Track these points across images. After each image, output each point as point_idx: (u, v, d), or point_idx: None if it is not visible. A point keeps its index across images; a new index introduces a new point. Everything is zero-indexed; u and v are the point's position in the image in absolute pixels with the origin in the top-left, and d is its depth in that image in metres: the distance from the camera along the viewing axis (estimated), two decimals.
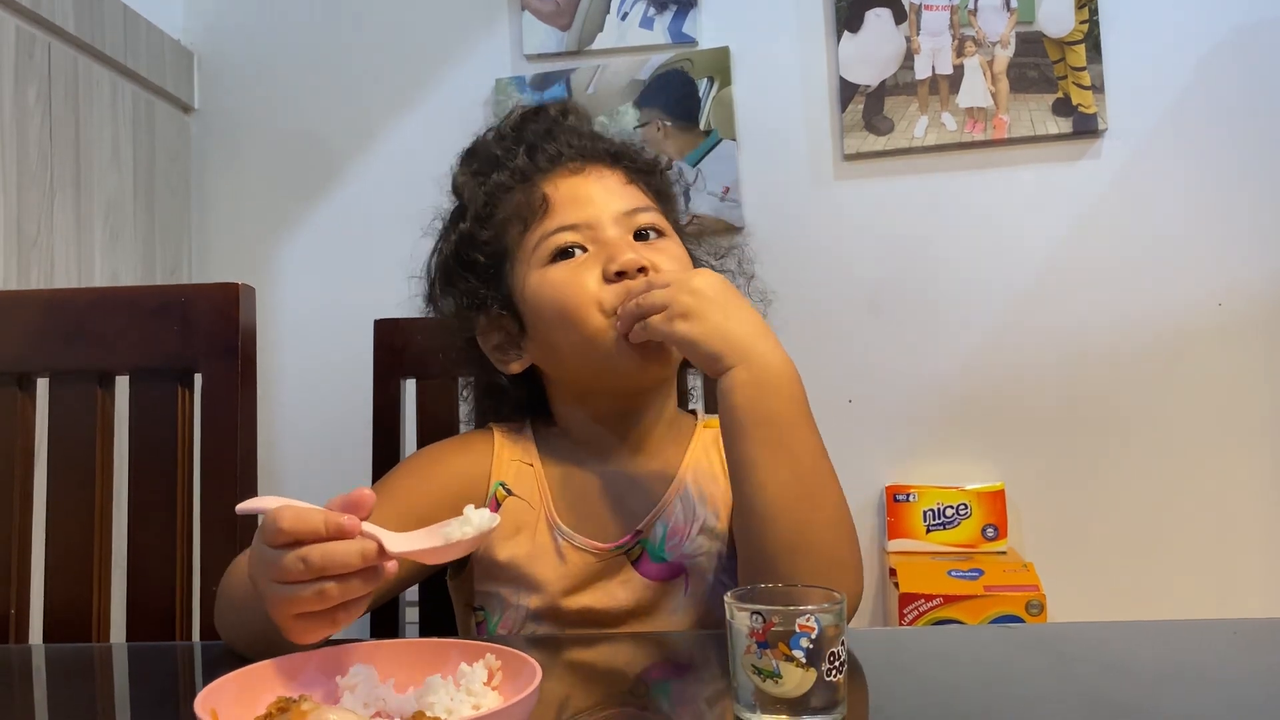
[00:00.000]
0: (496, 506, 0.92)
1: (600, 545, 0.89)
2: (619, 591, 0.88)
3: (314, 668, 0.64)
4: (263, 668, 0.62)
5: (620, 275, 0.86)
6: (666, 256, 0.90)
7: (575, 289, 0.87)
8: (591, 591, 0.89)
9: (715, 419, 0.97)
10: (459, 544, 0.64)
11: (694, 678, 0.68)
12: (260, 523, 0.64)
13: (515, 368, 0.94)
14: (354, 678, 0.62)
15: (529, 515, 0.91)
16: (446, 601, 1.00)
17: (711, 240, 1.04)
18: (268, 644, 0.68)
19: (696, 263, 0.97)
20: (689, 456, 0.94)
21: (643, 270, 0.86)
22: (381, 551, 0.61)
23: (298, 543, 0.61)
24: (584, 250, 0.89)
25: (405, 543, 0.64)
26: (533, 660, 0.59)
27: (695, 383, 1.11)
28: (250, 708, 0.58)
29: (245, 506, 0.66)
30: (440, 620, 1.04)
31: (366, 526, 0.63)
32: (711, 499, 0.92)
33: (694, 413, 1.02)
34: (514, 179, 0.93)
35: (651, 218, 0.92)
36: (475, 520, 0.64)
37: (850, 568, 0.79)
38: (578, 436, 0.95)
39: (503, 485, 0.93)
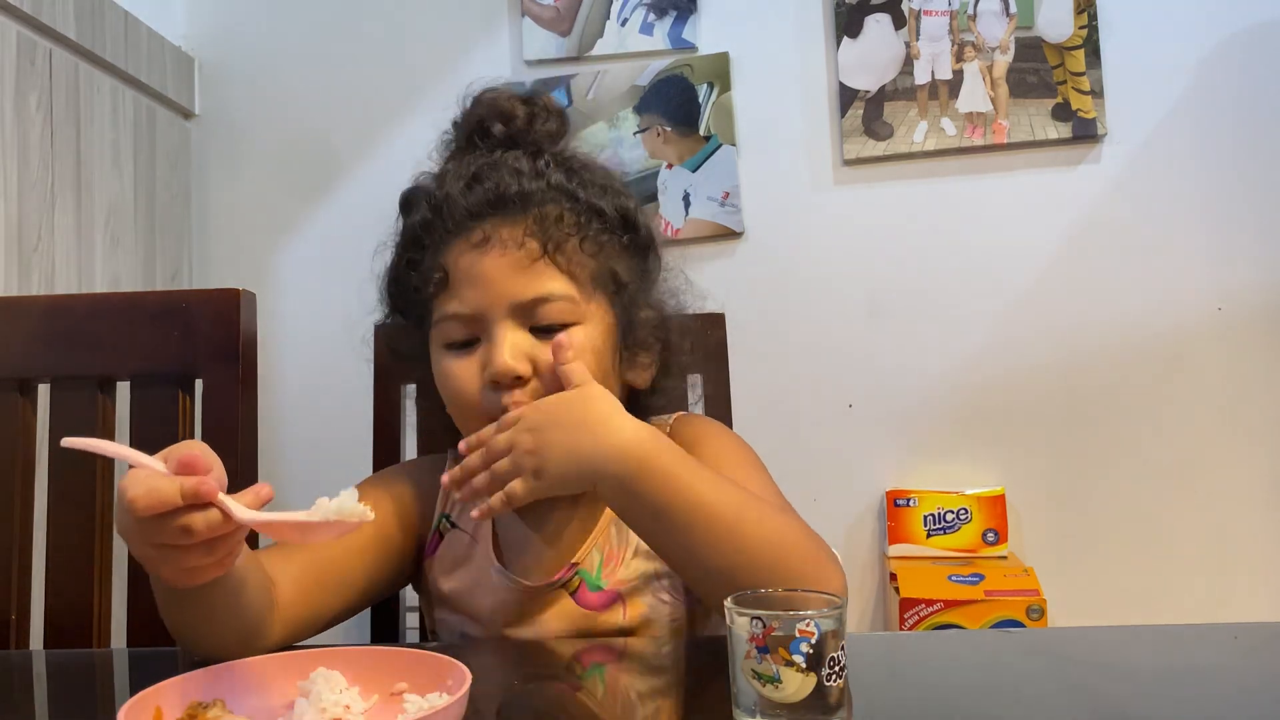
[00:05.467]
0: (439, 540, 0.93)
1: (529, 584, 0.87)
2: (553, 623, 0.86)
3: (280, 670, 0.65)
4: (222, 670, 0.64)
5: (498, 384, 0.82)
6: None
7: (460, 386, 0.85)
8: (528, 624, 0.87)
9: (658, 419, 0.94)
10: (310, 525, 0.63)
11: (694, 682, 0.68)
12: (119, 492, 0.62)
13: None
14: (312, 683, 0.63)
15: (469, 549, 0.91)
16: None
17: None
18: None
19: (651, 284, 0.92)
20: None
21: (520, 379, 0.82)
22: (228, 518, 0.61)
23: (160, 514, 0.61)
24: (476, 341, 0.84)
25: (254, 515, 0.63)
26: (461, 665, 0.61)
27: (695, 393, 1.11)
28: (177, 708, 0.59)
29: (74, 443, 0.63)
30: None
31: (222, 497, 0.62)
32: None
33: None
34: (423, 235, 0.87)
35: (554, 310, 0.83)
36: (327, 508, 0.64)
37: (819, 563, 0.76)
38: None
39: (447, 518, 0.93)
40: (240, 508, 0.62)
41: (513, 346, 0.82)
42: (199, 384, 1.01)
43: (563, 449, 0.76)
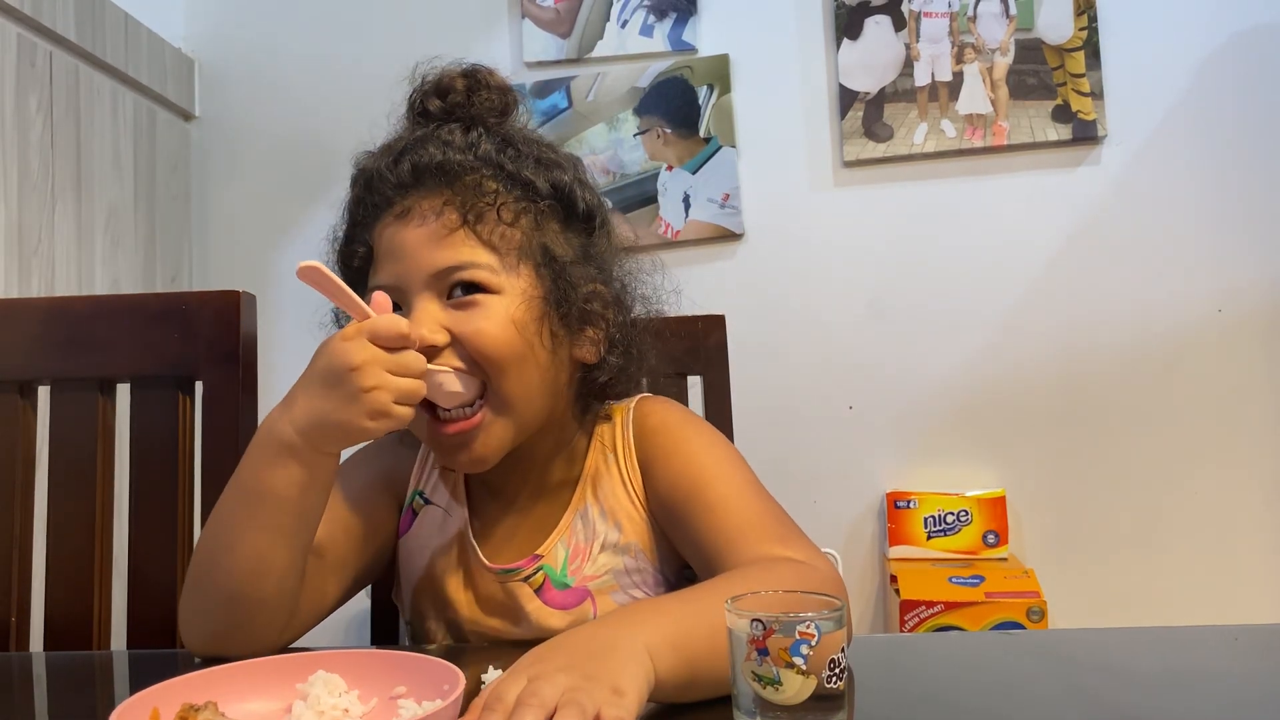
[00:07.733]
0: (413, 517, 0.90)
1: (492, 566, 0.84)
2: (525, 622, 0.84)
3: (277, 673, 0.65)
4: (219, 672, 0.64)
5: None
6: (478, 319, 0.78)
7: None
8: (495, 620, 0.85)
9: (619, 404, 0.90)
10: None
11: None
12: (367, 330, 0.72)
13: None
14: (311, 685, 0.63)
15: (445, 525, 0.88)
16: None
17: (634, 258, 0.90)
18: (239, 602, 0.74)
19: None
20: (587, 467, 0.87)
21: (436, 348, 0.77)
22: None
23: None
24: (399, 310, 0.80)
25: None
26: (455, 669, 0.60)
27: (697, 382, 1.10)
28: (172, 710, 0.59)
29: (309, 266, 0.71)
30: None
31: None
32: (612, 512, 0.85)
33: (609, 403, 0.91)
34: (356, 210, 0.88)
35: (470, 278, 0.79)
36: None
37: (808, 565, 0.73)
38: None
39: (420, 494, 0.90)
40: None
41: (428, 318, 0.78)
42: (199, 386, 1.01)
43: (599, 667, 0.58)
